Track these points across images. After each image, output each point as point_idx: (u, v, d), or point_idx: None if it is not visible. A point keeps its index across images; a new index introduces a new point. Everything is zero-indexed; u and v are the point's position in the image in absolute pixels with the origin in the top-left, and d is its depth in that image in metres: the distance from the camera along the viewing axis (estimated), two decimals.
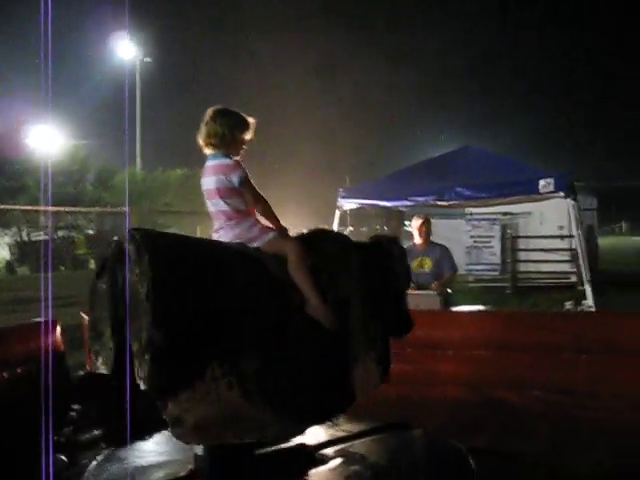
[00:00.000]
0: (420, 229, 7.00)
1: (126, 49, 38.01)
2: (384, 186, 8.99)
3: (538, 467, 4.12)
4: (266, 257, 3.43)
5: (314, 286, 3.43)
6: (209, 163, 3.61)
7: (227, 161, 3.57)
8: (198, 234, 38.24)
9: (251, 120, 3.71)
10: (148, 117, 41.11)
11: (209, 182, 3.58)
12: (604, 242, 23.99)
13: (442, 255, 6.99)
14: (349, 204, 9.10)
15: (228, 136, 3.60)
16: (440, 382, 5.57)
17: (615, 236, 40.74)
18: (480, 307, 7.84)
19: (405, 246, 7.36)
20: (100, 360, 3.24)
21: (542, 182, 7.77)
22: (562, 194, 8.05)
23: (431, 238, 7.13)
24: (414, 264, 6.94)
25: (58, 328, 5.88)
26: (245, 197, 3.55)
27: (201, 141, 3.63)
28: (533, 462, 4.18)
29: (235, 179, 3.50)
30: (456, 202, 8.64)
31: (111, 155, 37.21)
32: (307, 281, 3.42)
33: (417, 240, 7.09)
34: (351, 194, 9.31)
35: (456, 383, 5.56)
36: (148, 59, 39.87)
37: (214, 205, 3.57)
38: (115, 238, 3.33)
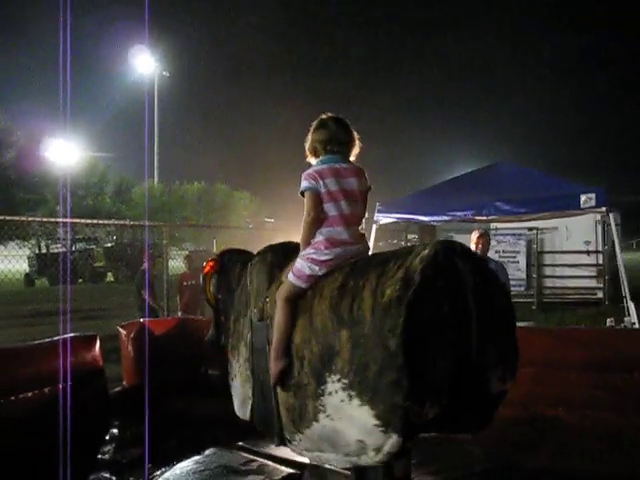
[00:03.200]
0: (477, 243, 6.83)
1: (145, 63, 38.20)
2: (421, 201, 8.90)
3: None
4: None
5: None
6: (345, 165, 3.49)
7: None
8: (214, 247, 38.39)
9: None
10: (166, 131, 41.23)
11: (354, 183, 3.47)
12: (625, 258, 23.72)
13: (498, 272, 6.83)
14: (386, 218, 9.00)
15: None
16: None
17: (633, 252, 40.45)
18: (526, 323, 7.72)
19: None
20: None
21: (583, 197, 7.63)
22: (604, 209, 7.90)
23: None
24: None
25: (97, 342, 5.78)
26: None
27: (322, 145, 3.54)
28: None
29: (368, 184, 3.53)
30: (494, 217, 8.55)
31: (129, 168, 37.48)
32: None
33: None
34: (388, 209, 9.18)
35: (504, 401, 5.43)
36: (166, 73, 40.03)
37: (356, 207, 3.49)
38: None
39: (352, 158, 3.56)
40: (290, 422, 3.29)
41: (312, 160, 3.58)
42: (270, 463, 4.39)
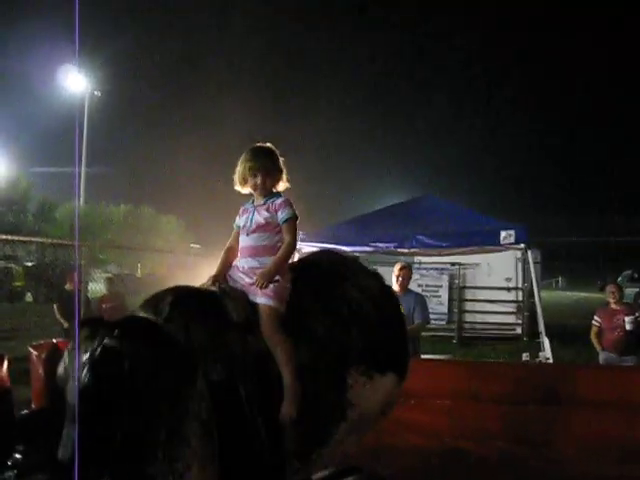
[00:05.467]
0: (398, 275, 6.91)
1: (76, 82, 37.57)
2: (344, 231, 8.92)
3: None
4: None
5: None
6: None
7: None
8: (139, 271, 37.73)
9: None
10: (95, 151, 40.56)
11: None
12: (543, 296, 24.33)
13: (416, 303, 6.89)
14: (308, 247, 8.99)
15: None
16: (402, 430, 5.48)
17: (552, 291, 41.54)
18: (443, 357, 7.83)
19: None
20: None
21: (503, 233, 7.81)
22: (523, 246, 8.08)
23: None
24: None
25: (5, 362, 5.58)
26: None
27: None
28: None
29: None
30: (416, 250, 8.66)
31: (54, 187, 36.65)
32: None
33: (395, 287, 7.00)
34: (311, 238, 9.20)
35: (418, 432, 5.49)
36: (98, 92, 39.43)
37: None
38: None
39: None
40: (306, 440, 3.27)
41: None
42: None
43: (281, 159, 3.59)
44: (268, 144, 3.60)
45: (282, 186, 3.59)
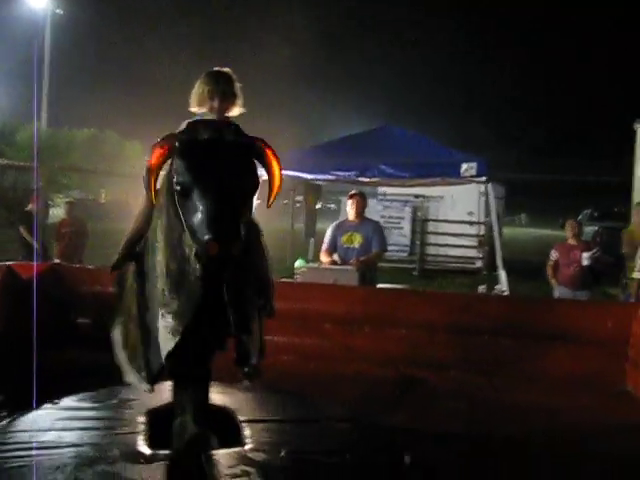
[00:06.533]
0: (351, 204, 6.89)
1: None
2: (305, 158, 8.79)
3: (453, 443, 4.11)
4: None
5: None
6: None
7: None
8: (102, 196, 37.22)
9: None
10: (57, 73, 39.42)
11: None
12: (506, 232, 24.62)
13: (374, 232, 6.87)
14: None
15: None
16: (357, 359, 5.53)
17: (515, 227, 41.99)
18: (400, 286, 7.86)
19: (337, 222, 7.29)
20: None
21: (464, 166, 7.77)
22: (484, 179, 8.06)
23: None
24: (344, 238, 6.85)
25: None
26: None
27: None
28: (449, 439, 4.17)
29: None
30: (378, 179, 8.59)
31: (16, 110, 35.70)
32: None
33: (350, 215, 6.97)
34: None
35: (373, 360, 5.53)
36: (59, 11, 38.25)
37: None
38: None
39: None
40: None
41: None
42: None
43: (238, 85, 3.54)
44: (226, 69, 3.55)
45: (237, 111, 3.54)
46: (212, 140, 3.01)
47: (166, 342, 3.10)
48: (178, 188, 2.90)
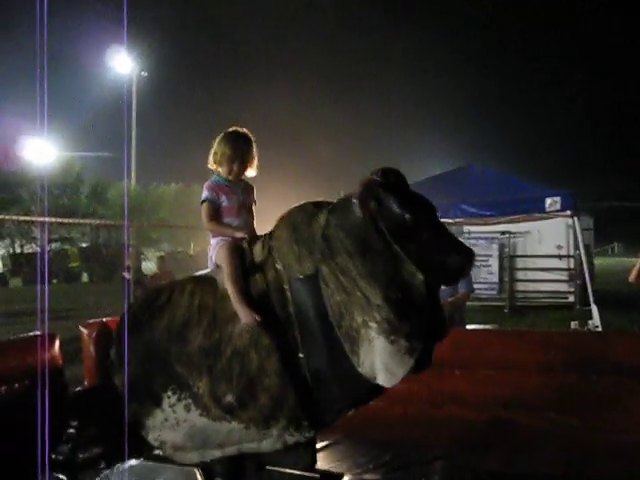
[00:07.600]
0: None
1: (123, 63, 37.99)
2: None
3: None
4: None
5: (239, 293, 3.31)
6: None
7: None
8: (192, 248, 38.20)
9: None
10: (144, 132, 40.97)
11: None
12: (598, 262, 23.99)
13: None
14: None
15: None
16: (447, 401, 5.47)
17: (608, 257, 40.84)
18: (488, 326, 7.76)
19: None
20: None
21: (549, 200, 7.68)
22: (569, 212, 7.95)
23: None
24: None
25: (57, 341, 5.71)
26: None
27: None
28: None
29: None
30: (460, 220, 8.57)
31: (106, 169, 37.23)
32: (233, 290, 3.33)
33: None
34: None
35: (463, 403, 5.46)
36: (145, 73, 39.83)
37: None
38: None
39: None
40: None
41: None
42: None
43: (255, 147, 3.72)
44: (245, 130, 3.74)
45: (251, 172, 3.75)
46: None
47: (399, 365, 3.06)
48: None
